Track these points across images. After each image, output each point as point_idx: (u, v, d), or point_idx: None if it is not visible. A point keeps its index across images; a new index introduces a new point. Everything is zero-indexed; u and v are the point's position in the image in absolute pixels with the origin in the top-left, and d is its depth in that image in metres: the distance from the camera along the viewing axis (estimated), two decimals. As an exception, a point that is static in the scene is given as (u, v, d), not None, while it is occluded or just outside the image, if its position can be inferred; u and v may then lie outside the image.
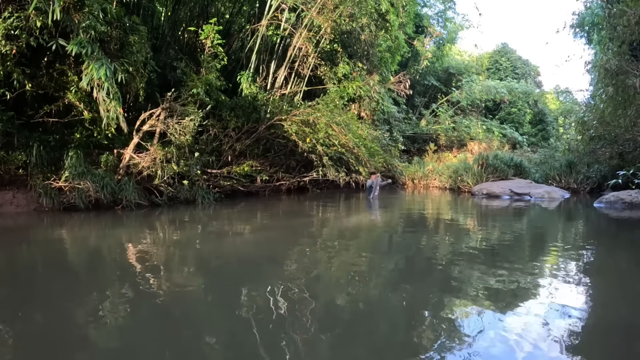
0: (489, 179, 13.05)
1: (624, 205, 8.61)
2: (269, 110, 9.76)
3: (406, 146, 17.87)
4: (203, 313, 2.60)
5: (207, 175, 8.69)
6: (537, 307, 2.69)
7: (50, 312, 2.56)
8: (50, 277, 3.34)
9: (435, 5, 22.49)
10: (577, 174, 12.72)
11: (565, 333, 2.28)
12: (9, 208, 6.48)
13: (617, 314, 2.70)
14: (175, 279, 3.24)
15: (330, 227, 6.17)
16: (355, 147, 10.26)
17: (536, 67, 27.39)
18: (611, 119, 11.55)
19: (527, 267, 3.77)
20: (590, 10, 13.44)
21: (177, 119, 7.66)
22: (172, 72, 8.75)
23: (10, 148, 6.61)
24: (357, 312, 2.67)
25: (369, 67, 13.33)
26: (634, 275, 3.71)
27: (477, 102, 21.74)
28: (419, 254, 4.50)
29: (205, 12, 10.52)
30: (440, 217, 7.67)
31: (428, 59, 19.43)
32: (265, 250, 4.53)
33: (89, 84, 6.17)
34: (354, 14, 11.56)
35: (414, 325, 2.47)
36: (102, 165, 7.11)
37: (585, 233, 6.19)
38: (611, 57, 10.50)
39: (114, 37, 6.96)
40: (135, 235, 5.17)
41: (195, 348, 2.11)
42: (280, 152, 10.43)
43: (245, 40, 11.18)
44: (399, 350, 2.17)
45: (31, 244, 4.73)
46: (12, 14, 5.96)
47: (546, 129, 24.19)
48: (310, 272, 3.54)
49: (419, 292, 3.10)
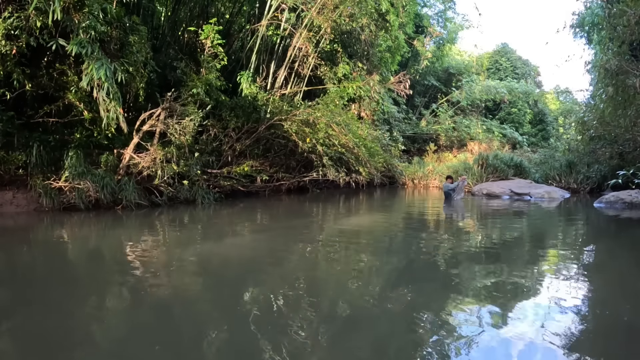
0: (489, 179, 13.05)
1: (624, 205, 8.61)
2: (269, 110, 9.77)
3: (406, 146, 17.88)
4: (203, 313, 2.60)
5: (207, 175, 8.68)
6: (537, 307, 2.69)
7: (50, 312, 2.56)
8: (50, 277, 3.34)
9: (435, 5, 22.52)
10: (577, 174, 12.72)
11: (565, 333, 2.28)
12: (9, 208, 6.48)
13: (617, 314, 2.70)
14: (176, 279, 3.23)
15: (329, 227, 6.17)
16: (355, 147, 10.27)
17: (536, 67, 27.43)
18: (611, 119, 11.55)
19: (527, 267, 3.77)
20: (590, 10, 13.44)
21: (177, 119, 7.66)
22: (172, 72, 8.75)
23: (10, 148, 6.60)
24: (360, 309, 2.67)
25: (369, 67, 13.34)
26: (634, 275, 3.71)
27: (477, 102, 21.75)
28: (419, 254, 4.49)
29: (205, 12, 10.52)
30: (440, 216, 7.67)
31: (428, 59, 19.43)
32: (266, 250, 4.52)
33: (89, 84, 6.17)
34: (354, 14, 11.57)
35: (414, 324, 2.47)
36: (102, 165, 7.10)
37: (585, 233, 6.19)
38: (611, 57, 10.50)
39: (114, 37, 6.96)
40: (136, 235, 5.17)
41: (196, 348, 2.11)
42: (280, 152, 10.43)
43: (245, 40, 11.19)
44: (399, 348, 2.17)
45: (31, 244, 4.73)
46: (12, 14, 5.96)
47: (546, 129, 24.21)
48: (312, 272, 3.53)
49: (419, 291, 3.09)
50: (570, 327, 2.37)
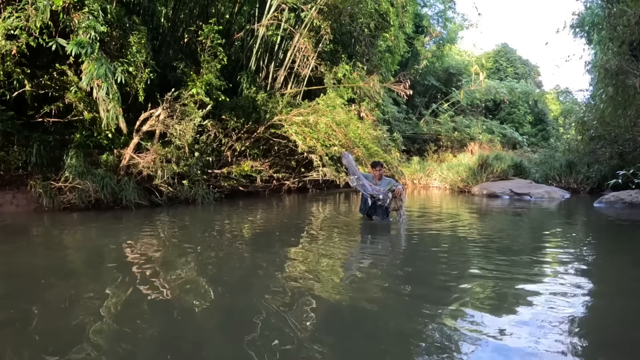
0: (489, 179, 13.05)
1: (624, 205, 8.61)
2: (269, 110, 9.77)
3: (406, 146, 17.88)
4: (203, 313, 2.60)
5: (207, 176, 8.69)
6: (537, 306, 2.69)
7: (50, 312, 2.56)
8: (50, 276, 3.34)
9: (435, 5, 22.53)
10: (577, 174, 12.72)
11: (565, 333, 2.28)
12: (9, 208, 6.48)
13: (618, 314, 2.70)
14: (176, 279, 3.23)
15: (329, 225, 6.16)
16: (355, 147, 10.27)
17: (536, 67, 27.45)
18: (611, 119, 11.55)
19: (527, 267, 3.77)
20: (590, 10, 13.43)
21: (177, 119, 7.67)
22: (172, 72, 8.75)
23: (10, 148, 6.61)
24: (359, 308, 2.67)
25: (369, 67, 13.34)
26: (634, 275, 3.70)
27: (477, 102, 21.76)
28: (420, 253, 4.49)
29: (205, 12, 10.52)
30: (440, 217, 7.66)
31: (428, 59, 19.45)
32: (266, 250, 4.52)
33: (88, 84, 6.18)
34: (354, 14, 11.57)
35: (413, 323, 2.47)
36: (102, 165, 7.11)
37: (585, 233, 6.19)
38: (611, 57, 10.49)
39: (114, 37, 6.97)
40: (136, 235, 5.17)
41: (196, 348, 2.11)
42: (280, 152, 10.43)
43: (245, 41, 11.19)
44: (399, 345, 2.17)
45: (31, 244, 4.73)
46: (12, 13, 5.96)
47: (546, 129, 24.20)
48: (312, 271, 3.53)
49: (419, 291, 3.09)
50: (570, 326, 2.37)
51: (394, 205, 5.99)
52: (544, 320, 2.43)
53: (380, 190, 5.83)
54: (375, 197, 5.84)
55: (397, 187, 5.89)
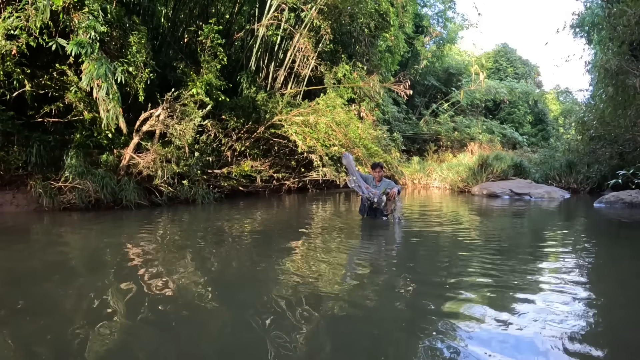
0: (489, 179, 13.05)
1: (624, 205, 8.61)
2: (269, 110, 9.77)
3: (406, 146, 17.88)
4: (204, 313, 2.60)
5: (207, 176, 8.69)
6: (537, 305, 2.69)
7: (50, 312, 2.56)
8: (50, 276, 3.34)
9: (435, 5, 22.53)
10: (577, 174, 12.72)
11: (566, 333, 2.28)
12: (9, 208, 6.48)
13: (617, 314, 2.70)
14: (176, 279, 3.23)
15: (329, 225, 6.17)
16: (355, 147, 10.27)
17: (536, 67, 27.43)
18: (611, 119, 11.55)
19: (527, 266, 3.77)
20: (590, 10, 13.43)
21: (177, 119, 7.67)
22: (172, 72, 8.75)
23: (10, 148, 6.61)
24: (359, 306, 2.67)
25: (369, 67, 13.34)
26: (634, 275, 3.70)
27: (477, 102, 21.75)
28: (420, 253, 4.49)
29: (205, 12, 10.52)
30: (439, 217, 7.66)
31: (428, 59, 19.43)
32: (266, 250, 4.52)
33: (88, 84, 6.18)
34: (354, 14, 11.57)
35: (413, 322, 2.47)
36: (102, 165, 7.11)
37: (585, 233, 6.19)
38: (611, 57, 10.49)
39: (114, 37, 6.97)
40: (136, 235, 5.17)
41: (196, 348, 2.11)
42: (280, 152, 10.43)
43: (245, 41, 11.19)
44: (398, 344, 2.17)
45: (31, 244, 4.73)
46: (12, 13, 5.97)
47: (546, 129, 24.20)
48: (312, 271, 3.53)
49: (419, 289, 3.09)
50: (569, 327, 2.37)
51: (389, 208, 6.03)
52: (544, 319, 2.44)
53: (375, 193, 5.88)
54: (370, 199, 5.90)
55: (392, 190, 5.92)
